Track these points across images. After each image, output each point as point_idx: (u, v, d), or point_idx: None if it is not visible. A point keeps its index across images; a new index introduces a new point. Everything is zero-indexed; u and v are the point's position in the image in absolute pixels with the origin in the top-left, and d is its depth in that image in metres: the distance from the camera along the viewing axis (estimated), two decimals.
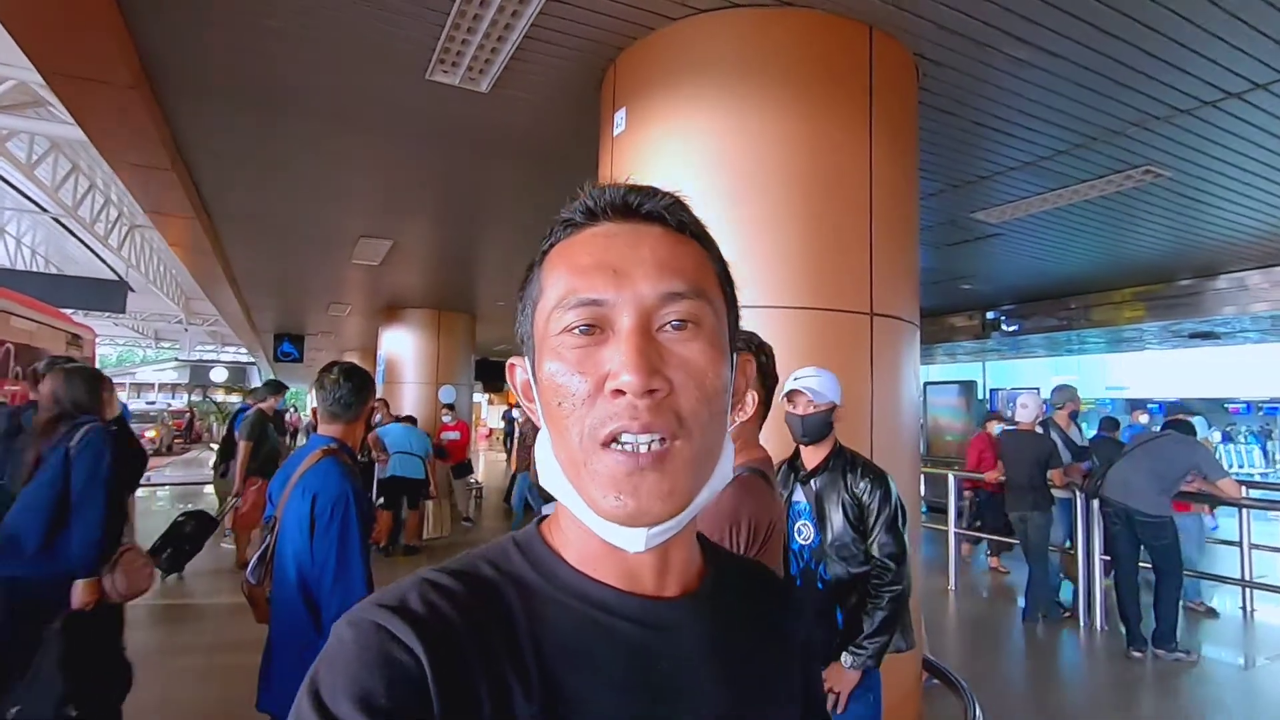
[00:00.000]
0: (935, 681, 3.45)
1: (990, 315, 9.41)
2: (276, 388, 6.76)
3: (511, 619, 0.50)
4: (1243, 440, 14.20)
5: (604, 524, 0.49)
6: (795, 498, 2.24)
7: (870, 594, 2.09)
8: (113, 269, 13.84)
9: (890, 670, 2.24)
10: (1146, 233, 5.67)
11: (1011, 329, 9.30)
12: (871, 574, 2.11)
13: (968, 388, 11.31)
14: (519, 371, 0.57)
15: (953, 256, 6.66)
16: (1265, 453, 14.05)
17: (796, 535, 2.22)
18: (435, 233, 6.36)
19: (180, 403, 30.33)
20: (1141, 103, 3.41)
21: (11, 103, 5.92)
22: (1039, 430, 5.37)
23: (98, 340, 13.01)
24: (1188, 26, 2.77)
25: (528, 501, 8.76)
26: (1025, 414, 5.33)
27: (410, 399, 9.76)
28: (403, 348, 10.16)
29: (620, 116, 3.07)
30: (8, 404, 5.53)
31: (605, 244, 0.52)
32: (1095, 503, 5.07)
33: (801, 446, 2.25)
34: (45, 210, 10.36)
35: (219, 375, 31.54)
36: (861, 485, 2.14)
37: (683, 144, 2.83)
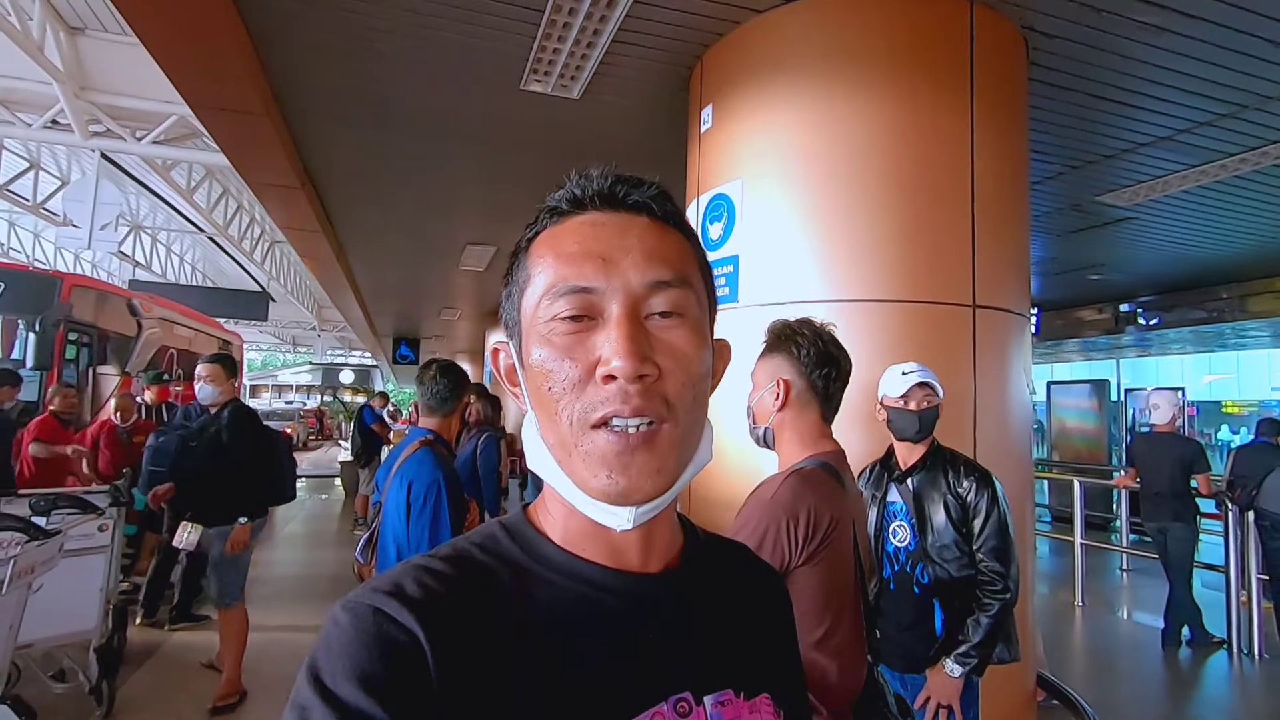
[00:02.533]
0: (1055, 702, 3.21)
1: (1125, 308, 8.59)
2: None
3: (503, 598, 0.51)
4: None
5: (592, 503, 0.51)
6: (890, 498, 2.15)
7: (978, 600, 1.98)
8: (257, 281, 15.32)
9: (996, 683, 2.11)
10: None
11: (1150, 323, 8.44)
12: (980, 579, 1.99)
13: (1099, 388, 10.36)
14: (503, 356, 0.59)
15: (1077, 244, 6.13)
16: None
17: (891, 537, 2.13)
18: None
19: (314, 403, 33.13)
20: None
21: (174, 135, 6.69)
22: (1179, 434, 4.84)
23: (245, 346, 14.43)
24: None
25: None
26: (1160, 415, 4.82)
27: (511, 400, 10.14)
28: None
29: (707, 114, 3.06)
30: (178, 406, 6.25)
31: (592, 233, 0.53)
32: (1250, 515, 4.51)
33: (897, 444, 2.15)
34: (201, 230, 11.61)
35: (347, 377, 34.19)
36: (965, 484, 2.03)
37: (771, 137, 2.79)
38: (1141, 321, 8.36)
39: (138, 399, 6.09)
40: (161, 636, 4.37)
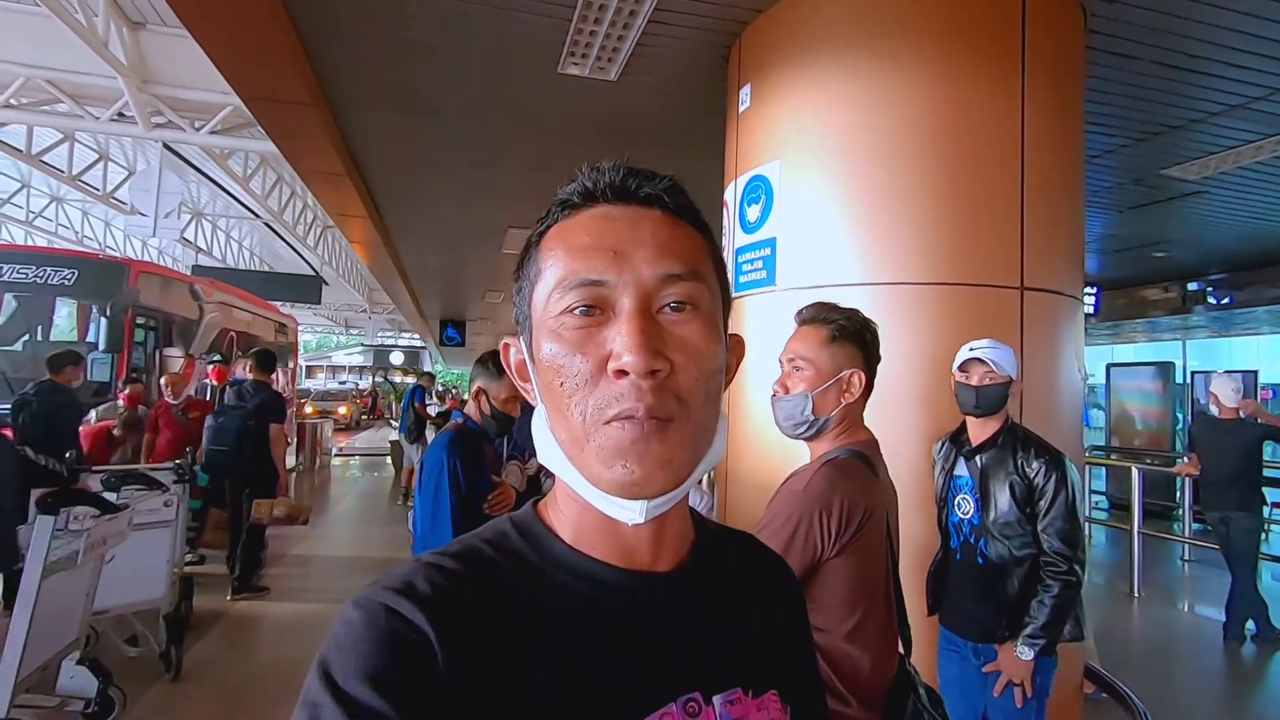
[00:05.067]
0: (1103, 695, 3.11)
1: (1192, 287, 8.15)
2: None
3: (514, 597, 0.51)
4: None
5: (604, 498, 0.50)
6: (958, 471, 2.19)
7: (1043, 581, 2.00)
8: (310, 265, 15.79)
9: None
10: None
11: (1221, 302, 7.99)
12: (1044, 560, 2.01)
13: (1164, 370, 9.87)
14: (514, 351, 0.58)
15: (1140, 220, 5.83)
16: None
17: (956, 509, 2.19)
18: None
19: (365, 383, 34.15)
20: None
21: (230, 125, 6.91)
22: (1244, 420, 4.59)
23: (300, 328, 14.94)
24: None
25: None
26: (1223, 399, 4.58)
27: None
28: None
29: (745, 94, 3.01)
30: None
31: (604, 226, 0.52)
32: None
33: (969, 420, 2.17)
34: (258, 216, 11.99)
35: (397, 358, 35.09)
36: (1035, 465, 2.03)
37: (810, 117, 2.73)
38: (1211, 300, 7.92)
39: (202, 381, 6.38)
40: (227, 606, 4.62)
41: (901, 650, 1.40)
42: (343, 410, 21.19)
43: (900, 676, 1.35)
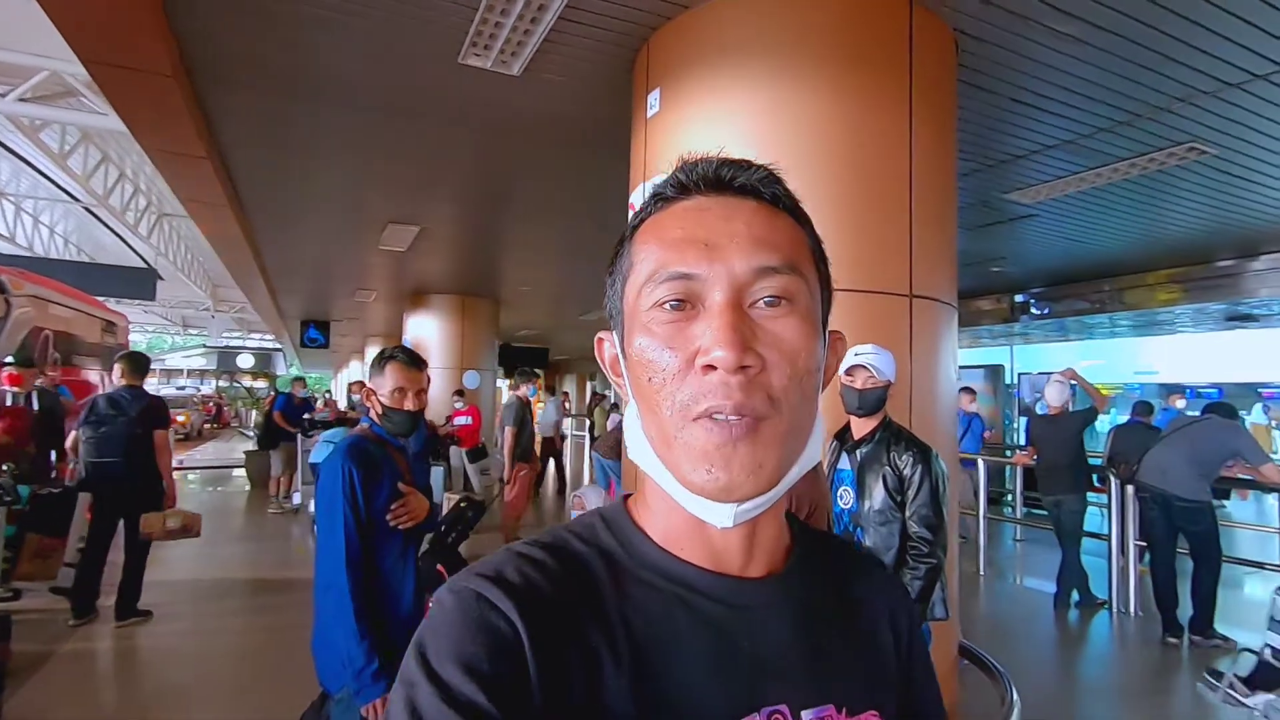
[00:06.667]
0: (965, 662, 3.44)
1: (1019, 298, 9.24)
2: (529, 376, 7.03)
3: (600, 593, 0.51)
4: (1277, 425, 13.83)
5: (693, 498, 0.49)
6: (840, 465, 2.35)
7: (908, 564, 2.16)
8: (142, 257, 14.06)
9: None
10: (1186, 212, 5.52)
11: (1041, 312, 9.13)
12: (910, 545, 2.17)
13: (995, 372, 11.15)
14: (607, 346, 0.57)
15: (984, 238, 6.54)
16: None
17: (839, 500, 2.33)
18: (463, 218, 6.38)
19: (209, 388, 30.92)
20: (1189, 77, 3.31)
21: (44, 94, 5.99)
22: (1068, 412, 5.30)
23: (130, 327, 13.27)
24: None
25: None
26: (1055, 396, 5.26)
27: (435, 384, 9.86)
28: (427, 333, 10.24)
29: (654, 98, 3.04)
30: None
31: (697, 217, 0.51)
32: (1130, 489, 5.00)
33: (852, 418, 2.33)
34: (77, 200, 10.51)
35: (245, 361, 32.06)
36: (905, 458, 2.21)
37: (718, 124, 2.80)
38: (1034, 311, 9.03)
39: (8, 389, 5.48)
40: (54, 647, 3.99)
41: None
42: (181, 419, 19.03)
43: None
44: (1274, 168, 4.46)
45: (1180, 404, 8.09)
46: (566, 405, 16.91)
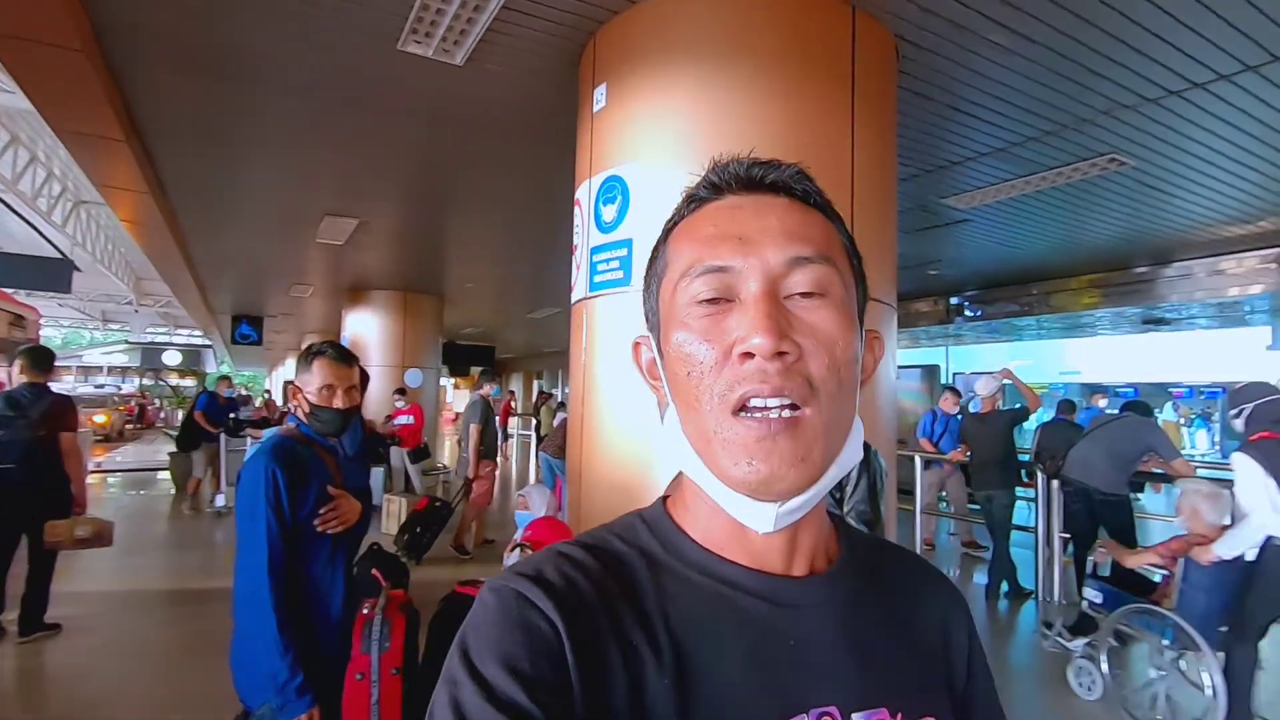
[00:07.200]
0: None
1: (954, 301, 9.59)
2: (492, 375, 6.96)
3: (641, 592, 0.50)
4: (1185, 423, 14.78)
5: (734, 498, 0.49)
6: None
7: None
8: (56, 247, 13.19)
9: None
10: (1107, 220, 5.82)
11: (974, 315, 9.49)
12: None
13: (930, 372, 11.55)
14: (644, 350, 0.57)
15: (921, 242, 6.75)
16: (1209, 435, 14.67)
17: None
18: (404, 211, 6.20)
19: (131, 386, 29.27)
20: (1112, 91, 3.47)
21: None
22: (999, 410, 5.51)
23: (42, 321, 12.46)
24: (1162, 16, 2.82)
25: None
26: (984, 388, 5.47)
27: (376, 383, 9.56)
28: (368, 330, 9.93)
29: (600, 92, 3.00)
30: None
31: (730, 215, 0.52)
32: (1055, 483, 5.24)
33: None
34: None
35: (172, 358, 30.49)
36: None
37: (664, 122, 2.79)
38: (968, 313, 9.38)
39: None
40: None
41: None
42: (100, 419, 17.93)
43: None
44: (1187, 180, 4.74)
45: (1102, 403, 8.52)
46: (513, 404, 16.76)
